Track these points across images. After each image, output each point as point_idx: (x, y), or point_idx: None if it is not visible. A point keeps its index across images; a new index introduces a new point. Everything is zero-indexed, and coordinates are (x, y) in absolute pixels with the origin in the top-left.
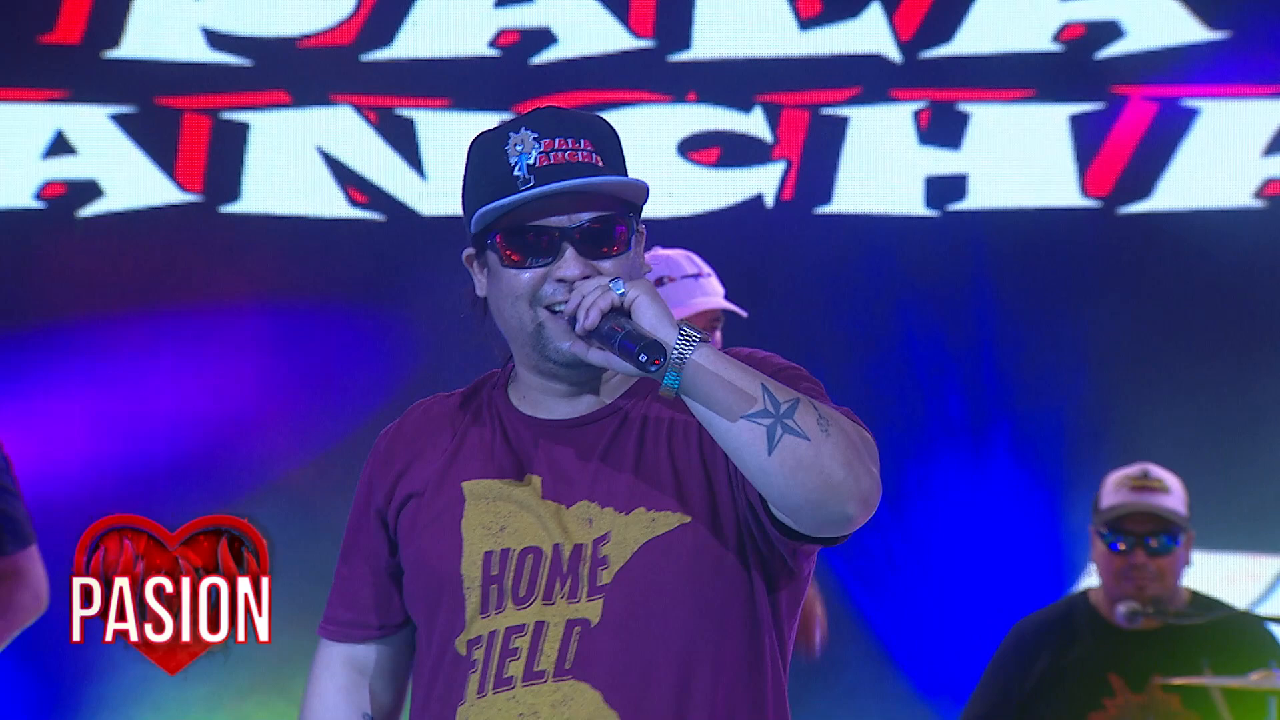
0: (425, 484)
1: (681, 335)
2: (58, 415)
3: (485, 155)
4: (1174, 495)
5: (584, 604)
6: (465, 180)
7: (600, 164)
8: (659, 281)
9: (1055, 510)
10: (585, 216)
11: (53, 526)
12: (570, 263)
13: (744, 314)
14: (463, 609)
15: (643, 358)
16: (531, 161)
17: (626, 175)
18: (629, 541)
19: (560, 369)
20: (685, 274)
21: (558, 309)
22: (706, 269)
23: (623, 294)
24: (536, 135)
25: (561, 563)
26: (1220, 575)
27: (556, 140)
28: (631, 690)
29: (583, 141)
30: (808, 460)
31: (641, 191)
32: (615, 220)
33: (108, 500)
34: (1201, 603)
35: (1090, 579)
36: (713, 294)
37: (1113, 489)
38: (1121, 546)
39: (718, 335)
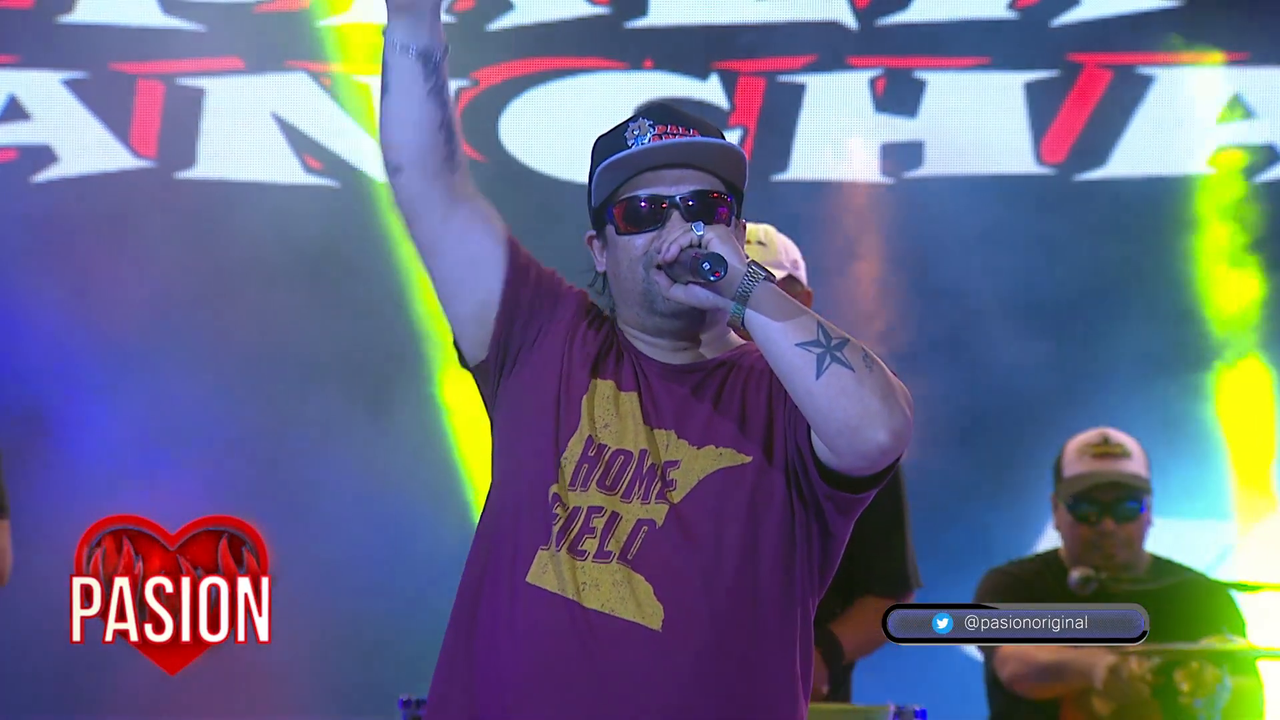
0: (577, 353)
1: (750, 269)
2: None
3: (606, 144)
4: (1135, 459)
5: (653, 506)
6: (590, 172)
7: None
8: None
9: (1004, 473)
10: (691, 188)
11: (53, 526)
12: (675, 225)
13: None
14: (554, 467)
15: (706, 265)
16: (646, 140)
17: (731, 164)
18: (696, 470)
19: (664, 321)
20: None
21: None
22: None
23: (700, 234)
24: (651, 123)
25: (642, 470)
26: (1172, 541)
27: (669, 126)
28: (680, 592)
29: (692, 131)
30: (850, 388)
31: (738, 162)
32: (718, 200)
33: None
34: (1161, 567)
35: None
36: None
37: (1075, 457)
38: (1089, 516)
39: None
